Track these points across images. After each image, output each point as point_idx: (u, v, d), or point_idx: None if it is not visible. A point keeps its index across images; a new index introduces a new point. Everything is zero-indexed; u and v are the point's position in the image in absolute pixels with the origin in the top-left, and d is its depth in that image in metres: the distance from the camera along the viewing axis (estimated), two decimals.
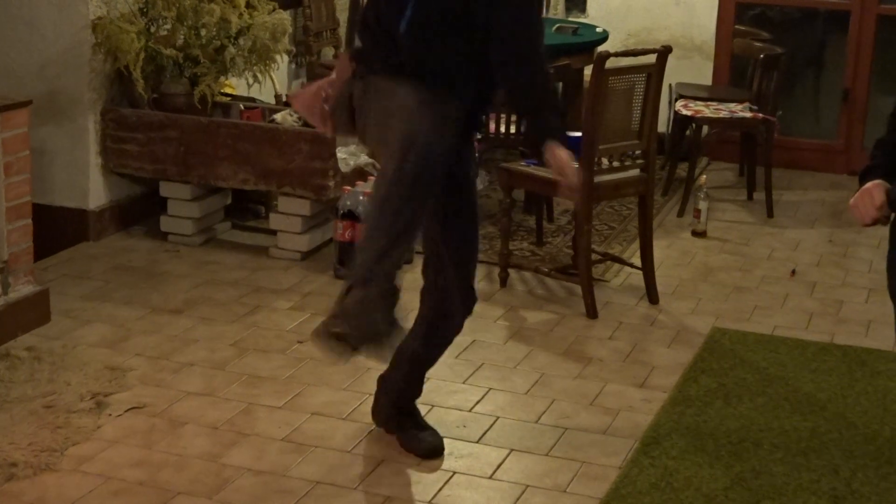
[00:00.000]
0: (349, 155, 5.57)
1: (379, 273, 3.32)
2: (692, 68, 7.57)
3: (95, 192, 5.64)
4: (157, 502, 3.54)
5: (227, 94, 5.88)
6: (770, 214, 6.63)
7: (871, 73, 7.45)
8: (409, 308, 3.58)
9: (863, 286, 5.59)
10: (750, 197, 6.91)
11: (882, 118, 3.41)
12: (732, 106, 6.83)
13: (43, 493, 3.56)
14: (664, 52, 5.07)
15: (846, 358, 4.75)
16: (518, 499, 3.65)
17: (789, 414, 4.24)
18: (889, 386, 4.48)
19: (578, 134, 5.07)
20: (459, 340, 4.16)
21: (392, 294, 3.39)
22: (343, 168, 5.45)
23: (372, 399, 4.00)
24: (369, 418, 4.00)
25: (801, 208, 6.85)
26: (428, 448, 3.86)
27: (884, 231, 3.38)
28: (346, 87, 3.61)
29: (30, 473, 3.64)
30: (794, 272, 5.73)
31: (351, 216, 5.24)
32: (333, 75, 3.69)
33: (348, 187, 5.35)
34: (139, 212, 5.85)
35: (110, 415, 4.02)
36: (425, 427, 3.92)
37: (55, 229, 5.44)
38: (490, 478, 3.76)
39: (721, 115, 6.73)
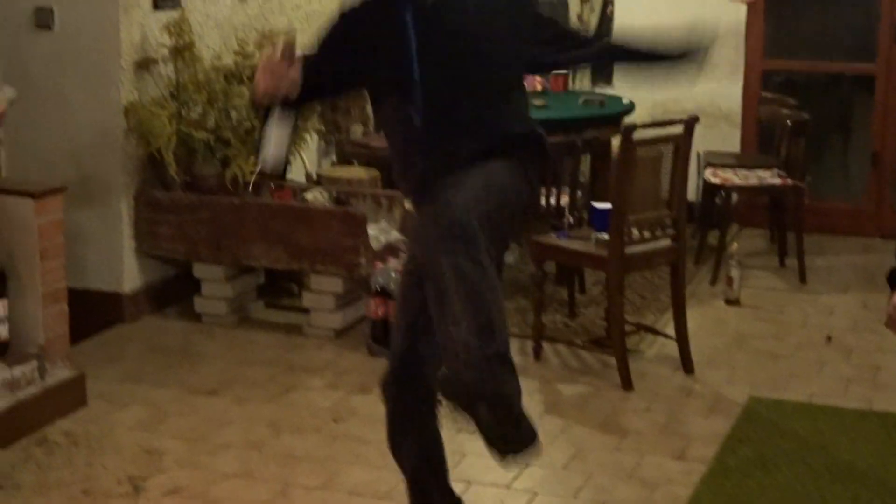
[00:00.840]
0: (380, 231, 5.59)
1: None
2: (720, 136, 7.58)
3: (130, 275, 5.69)
4: None
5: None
6: (803, 280, 6.60)
7: None
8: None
9: None
10: (782, 263, 6.89)
11: None
12: (761, 172, 6.84)
13: None
14: (691, 122, 5.08)
15: (885, 424, 4.71)
16: None
17: (829, 483, 4.20)
18: None
19: (608, 205, 5.09)
20: None
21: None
22: (374, 245, 5.47)
23: None
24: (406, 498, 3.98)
25: (833, 273, 6.82)
26: None
27: None
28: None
29: None
30: (829, 339, 5.69)
31: (384, 293, 5.25)
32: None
33: (380, 263, 5.37)
34: (173, 293, 5.88)
35: (148, 500, 4.02)
36: None
37: (90, 313, 5.46)
38: None
39: (750, 182, 6.74)
